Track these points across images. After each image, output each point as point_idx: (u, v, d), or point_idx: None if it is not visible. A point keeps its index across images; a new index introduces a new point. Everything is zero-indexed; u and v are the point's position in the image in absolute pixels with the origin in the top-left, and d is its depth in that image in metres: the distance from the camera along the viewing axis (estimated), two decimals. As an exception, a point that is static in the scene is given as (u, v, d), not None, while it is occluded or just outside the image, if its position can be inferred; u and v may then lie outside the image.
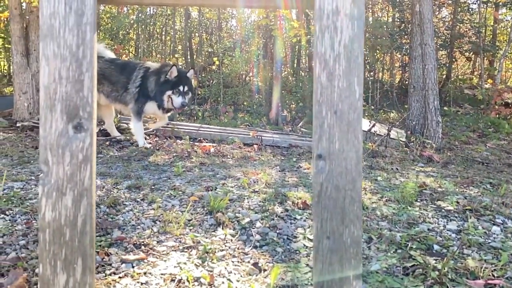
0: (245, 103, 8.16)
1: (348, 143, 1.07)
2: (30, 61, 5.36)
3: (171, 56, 9.31)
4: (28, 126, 4.73)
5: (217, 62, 7.71)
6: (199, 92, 8.10)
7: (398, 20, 10.58)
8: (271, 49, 8.64)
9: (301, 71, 9.67)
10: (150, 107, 4.32)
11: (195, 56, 9.90)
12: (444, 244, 1.89)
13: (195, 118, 7.15)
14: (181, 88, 4.18)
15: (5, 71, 12.95)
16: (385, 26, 8.12)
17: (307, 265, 1.69)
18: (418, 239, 1.91)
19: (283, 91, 7.85)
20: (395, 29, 9.56)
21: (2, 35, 7.83)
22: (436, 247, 1.86)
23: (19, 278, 1.47)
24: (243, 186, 2.80)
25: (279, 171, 3.51)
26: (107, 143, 4.31)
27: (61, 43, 1.01)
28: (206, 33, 10.10)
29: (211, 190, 2.63)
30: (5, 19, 6.25)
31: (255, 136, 4.95)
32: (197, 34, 10.38)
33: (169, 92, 4.17)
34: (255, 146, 4.71)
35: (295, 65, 10.69)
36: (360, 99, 1.07)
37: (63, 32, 1.02)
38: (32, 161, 3.41)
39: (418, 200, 2.59)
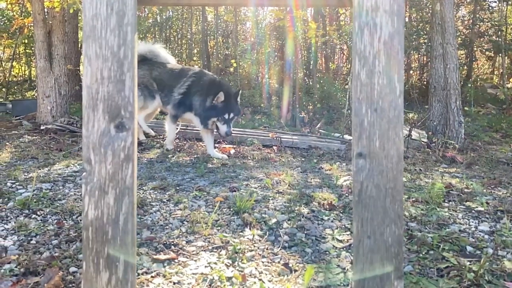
0: (262, 105, 8.16)
1: (389, 141, 1.05)
2: (53, 65, 5.47)
3: (188, 59, 9.38)
4: (51, 129, 4.82)
5: (234, 64, 7.73)
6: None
7: (415, 20, 10.45)
8: (293, 52, 8.63)
9: (317, 73, 9.63)
10: (189, 116, 4.16)
11: (211, 59, 9.96)
12: (478, 246, 1.85)
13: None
14: (226, 116, 3.86)
15: (25, 76, 13.27)
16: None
17: (338, 266, 1.67)
18: (450, 241, 1.87)
19: (299, 93, 7.82)
20: (413, 29, 9.44)
21: (25, 41, 8.02)
22: (469, 248, 1.82)
23: (55, 277, 1.50)
24: (266, 187, 2.80)
25: (301, 172, 3.49)
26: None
27: (103, 44, 1.03)
28: (222, 36, 10.15)
29: (236, 191, 2.63)
30: (28, 24, 6.41)
31: (274, 137, 4.94)
32: (212, 37, 10.44)
33: (214, 119, 3.90)
34: (274, 147, 4.70)
35: (311, 66, 10.66)
36: (401, 96, 1.05)
37: (105, 33, 1.03)
38: (57, 163, 3.47)
39: (446, 201, 2.54)
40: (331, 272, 1.61)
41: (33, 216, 2.13)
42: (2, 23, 9.40)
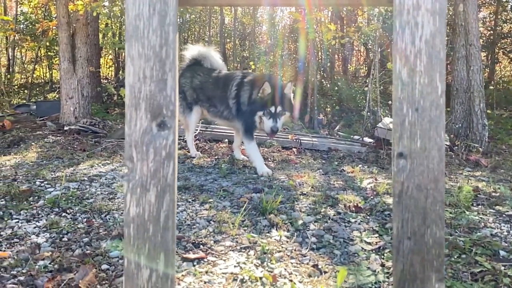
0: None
1: (430, 141, 1.04)
2: (76, 67, 5.57)
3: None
4: (75, 129, 4.91)
5: (253, 66, 7.76)
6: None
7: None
8: (307, 53, 8.61)
9: (335, 75, 9.58)
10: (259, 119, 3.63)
11: (228, 61, 10.01)
12: (511, 250, 1.80)
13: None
14: (272, 109, 3.33)
15: (47, 78, 13.56)
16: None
17: (368, 268, 1.66)
18: (482, 245, 1.83)
19: (317, 95, 7.79)
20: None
21: (47, 43, 8.21)
22: (502, 252, 1.78)
23: (89, 274, 1.52)
24: (290, 188, 2.79)
25: (323, 174, 3.47)
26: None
27: (145, 44, 1.04)
28: (239, 39, 10.20)
29: (260, 192, 2.63)
30: (52, 27, 6.55)
31: (294, 139, 4.93)
32: (228, 40, 10.49)
33: (259, 113, 3.40)
34: (294, 149, 4.69)
35: (328, 68, 10.61)
36: (443, 96, 1.04)
37: (147, 33, 1.04)
38: (82, 163, 3.53)
39: (474, 204, 2.49)
40: (362, 274, 1.59)
41: (63, 214, 2.17)
42: (25, 26, 9.65)
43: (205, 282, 1.53)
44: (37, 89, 11.81)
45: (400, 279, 1.05)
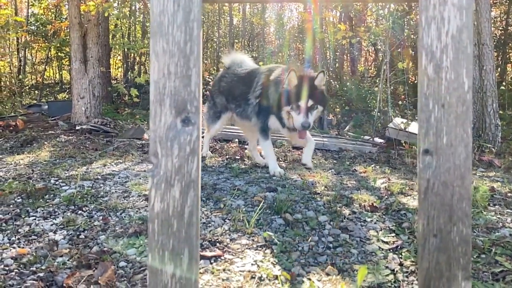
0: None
1: (457, 137, 1.03)
2: (87, 67, 5.62)
3: (216, 61, 9.47)
4: (86, 129, 4.95)
5: (263, 67, 7.77)
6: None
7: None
8: (314, 53, 8.60)
9: (344, 75, 9.54)
10: (273, 123, 3.31)
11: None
12: (531, 251, 1.78)
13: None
14: (302, 102, 2.95)
15: (56, 79, 13.68)
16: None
17: (387, 267, 1.64)
18: (502, 244, 1.81)
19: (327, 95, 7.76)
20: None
21: (58, 44, 8.29)
22: (522, 253, 1.75)
23: (108, 271, 1.53)
24: (303, 188, 2.78)
25: (335, 174, 3.46)
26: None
27: (169, 40, 1.05)
28: (248, 39, 10.21)
29: (273, 191, 2.62)
30: (64, 28, 6.61)
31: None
32: (236, 41, 10.50)
33: (287, 108, 3.05)
34: (300, 151, 4.67)
35: (336, 69, 10.57)
36: (469, 92, 1.03)
37: (172, 29, 1.05)
38: (94, 162, 3.55)
39: (491, 204, 2.46)
40: (380, 274, 1.58)
41: (79, 212, 2.18)
42: (36, 28, 9.74)
43: (223, 280, 1.53)
44: (47, 89, 11.93)
45: (426, 277, 1.04)
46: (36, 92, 10.36)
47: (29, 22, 8.67)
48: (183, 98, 1.05)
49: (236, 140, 5.01)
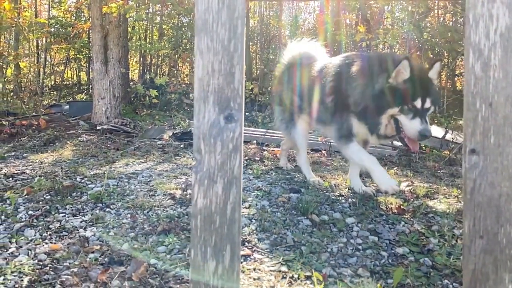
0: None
1: (505, 137, 1.01)
2: (108, 68, 5.69)
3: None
4: (107, 129, 5.01)
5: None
6: (259, 99, 8.19)
7: (461, 24, 10.07)
8: (330, 55, 8.56)
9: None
10: (358, 128, 2.48)
11: (253, 64, 10.06)
12: None
13: (254, 125, 7.21)
14: (418, 102, 2.18)
15: (74, 80, 13.90)
16: (454, 31, 7.77)
17: (419, 269, 1.62)
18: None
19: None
20: (461, 33, 9.09)
21: (79, 46, 8.44)
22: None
23: (141, 267, 1.54)
24: (326, 189, 2.77)
25: (356, 176, 3.43)
26: (182, 146, 4.46)
27: (214, 37, 1.05)
28: (265, 41, 10.23)
29: (297, 192, 2.61)
30: (86, 29, 6.73)
31: (324, 141, 4.90)
32: (251, 43, 10.53)
33: (393, 110, 2.24)
34: (323, 151, 4.65)
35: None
36: (518, 91, 1.01)
37: (216, 27, 1.05)
38: (117, 162, 3.59)
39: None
40: (414, 276, 1.55)
41: (107, 209, 2.21)
42: (56, 30, 9.92)
43: (254, 279, 1.53)
44: (66, 90, 12.14)
45: (471, 279, 1.02)
46: (55, 92, 10.55)
47: (50, 24, 8.84)
48: (227, 95, 1.05)
49: (255, 141, 5.01)
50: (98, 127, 5.14)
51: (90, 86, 10.33)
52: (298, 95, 3.05)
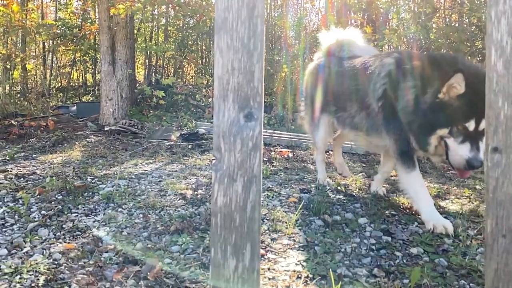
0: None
1: (528, 135, 1.00)
2: (116, 69, 5.71)
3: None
4: (115, 130, 5.03)
5: (286, 69, 7.79)
6: (265, 100, 8.19)
7: (467, 24, 10.01)
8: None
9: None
10: (416, 144, 2.09)
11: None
12: None
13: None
14: (471, 123, 1.84)
15: (80, 82, 13.95)
16: (461, 31, 7.73)
17: (435, 270, 1.61)
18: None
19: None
20: (467, 33, 9.04)
21: (87, 47, 8.47)
22: None
23: (156, 267, 1.54)
24: (336, 190, 2.76)
25: (366, 177, 3.41)
26: (189, 146, 4.46)
27: (233, 36, 1.05)
28: (270, 41, 10.23)
29: (308, 193, 2.61)
30: (93, 31, 6.76)
31: (331, 142, 4.88)
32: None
33: (442, 131, 1.92)
34: (331, 152, 4.64)
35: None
36: (541, 89, 1.00)
37: (236, 25, 1.05)
38: (125, 162, 3.60)
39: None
40: (429, 276, 1.54)
41: (119, 209, 2.21)
42: (62, 31, 9.97)
43: (269, 279, 1.52)
44: (72, 92, 12.20)
45: (494, 278, 1.01)
46: (61, 94, 10.60)
47: (56, 26, 8.90)
48: (246, 93, 1.05)
49: (262, 142, 5.00)
50: (106, 128, 5.16)
51: (96, 88, 10.39)
52: (331, 94, 2.69)
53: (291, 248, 1.78)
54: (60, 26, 9.22)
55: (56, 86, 11.44)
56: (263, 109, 1.05)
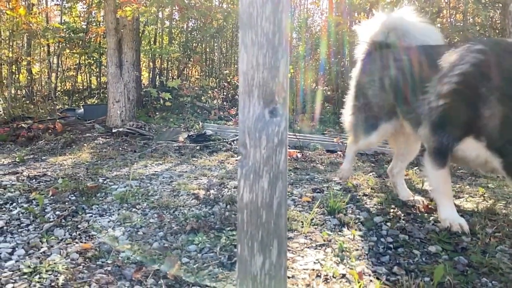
0: (316, 111, 8.10)
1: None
2: (123, 71, 5.73)
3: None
4: (123, 132, 5.04)
5: (292, 70, 7.79)
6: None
7: (473, 23, 9.98)
8: (342, 56, 8.55)
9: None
10: (470, 150, 1.86)
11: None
12: None
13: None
14: None
15: (85, 85, 14.01)
16: (469, 30, 7.70)
17: (455, 268, 1.59)
18: None
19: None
20: (472, 32, 9.01)
21: (93, 50, 8.51)
22: None
23: (175, 265, 1.54)
24: (349, 189, 2.74)
25: (376, 177, 3.40)
26: (198, 148, 4.46)
27: (258, 31, 1.05)
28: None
29: (321, 192, 2.60)
30: (99, 34, 6.78)
31: (339, 142, 4.87)
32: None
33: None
34: (339, 152, 4.63)
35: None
36: None
37: (260, 21, 1.05)
38: (135, 163, 3.61)
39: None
40: (450, 274, 1.53)
41: (133, 209, 2.21)
42: (67, 35, 10.02)
43: (289, 277, 1.51)
44: (77, 95, 12.24)
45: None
46: (66, 97, 10.64)
47: (62, 29, 8.94)
48: (271, 89, 1.04)
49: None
50: (113, 130, 5.17)
51: (101, 90, 10.42)
52: (395, 93, 2.28)
53: (308, 247, 1.77)
54: (64, 30, 9.27)
55: (61, 89, 11.49)
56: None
